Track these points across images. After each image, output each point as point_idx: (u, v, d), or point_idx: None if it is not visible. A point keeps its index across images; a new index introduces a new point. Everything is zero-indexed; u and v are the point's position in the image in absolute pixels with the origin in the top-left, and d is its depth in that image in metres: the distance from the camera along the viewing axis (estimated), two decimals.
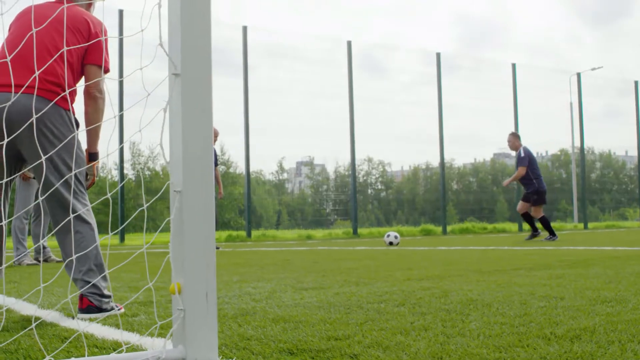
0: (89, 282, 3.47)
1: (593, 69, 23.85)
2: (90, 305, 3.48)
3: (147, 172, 33.17)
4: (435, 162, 45.83)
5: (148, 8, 2.33)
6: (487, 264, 6.26)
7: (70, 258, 3.38)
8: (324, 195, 45.06)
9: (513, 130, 19.98)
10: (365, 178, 45.76)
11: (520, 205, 12.25)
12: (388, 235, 11.75)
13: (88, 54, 3.61)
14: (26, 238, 7.46)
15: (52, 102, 3.36)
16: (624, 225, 25.23)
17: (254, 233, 16.07)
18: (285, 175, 47.67)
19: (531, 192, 12.03)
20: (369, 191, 47.10)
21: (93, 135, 3.71)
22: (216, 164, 11.17)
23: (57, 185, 3.42)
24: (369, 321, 3.09)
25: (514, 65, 19.16)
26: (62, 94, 3.44)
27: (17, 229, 7.44)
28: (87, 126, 3.68)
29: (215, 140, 11.26)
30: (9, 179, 3.53)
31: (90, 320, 3.35)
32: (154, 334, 2.90)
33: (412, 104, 30.19)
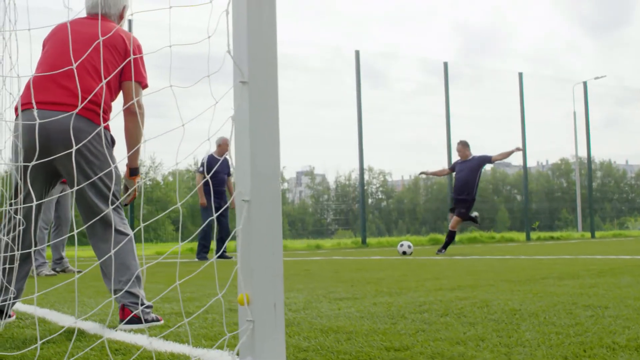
0: (130, 293, 3.44)
1: (597, 78, 23.91)
2: (132, 315, 3.44)
3: (148, 182, 33.14)
4: None
5: (214, 16, 2.30)
6: (514, 273, 6.22)
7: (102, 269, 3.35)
8: (325, 205, 45.04)
9: (519, 144, 19.94)
10: (366, 188, 45.79)
11: (456, 222, 11.66)
12: (401, 245, 11.71)
13: (125, 71, 3.59)
14: (45, 248, 7.40)
15: (86, 119, 3.37)
16: (630, 234, 25.21)
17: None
18: (285, 185, 47.68)
19: (471, 202, 11.55)
20: (370, 201, 47.05)
21: (134, 152, 3.70)
22: (229, 174, 11.14)
23: (95, 200, 3.44)
24: (419, 331, 3.05)
25: (520, 75, 19.15)
26: (95, 109, 3.43)
27: (37, 239, 7.38)
28: (127, 142, 3.68)
29: (227, 150, 11.22)
30: (40, 198, 3.52)
31: (133, 331, 3.31)
32: (209, 345, 2.86)
33: (413, 113, 30.20)
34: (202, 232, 11.24)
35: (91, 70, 3.47)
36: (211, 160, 10.92)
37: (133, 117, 3.62)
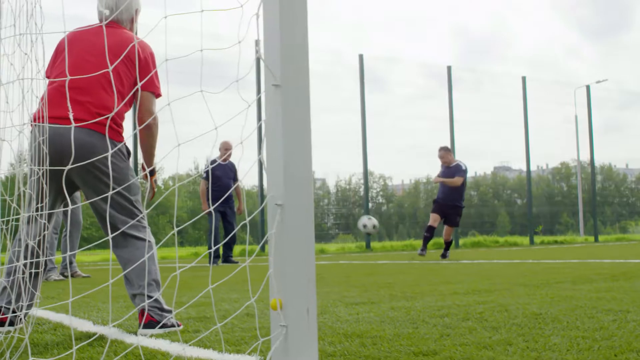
0: (150, 297, 3.42)
1: (598, 82, 23.93)
2: (151, 320, 3.42)
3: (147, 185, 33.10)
4: (435, 176, 45.99)
5: (243, 19, 2.29)
6: (526, 278, 6.21)
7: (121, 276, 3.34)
8: (325, 210, 45.03)
9: (520, 148, 19.90)
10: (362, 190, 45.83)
11: (450, 232, 11.47)
12: (365, 226, 11.85)
13: (139, 81, 3.57)
14: (55, 253, 7.38)
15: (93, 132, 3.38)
16: (633, 237, 25.21)
17: (267, 247, 16.01)
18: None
19: (461, 209, 11.39)
20: (370, 205, 47.02)
21: (149, 156, 3.72)
22: (235, 179, 11.06)
23: (113, 212, 3.46)
24: (444, 336, 3.04)
25: (524, 79, 19.12)
26: (109, 123, 3.42)
27: (47, 243, 7.34)
28: (142, 149, 3.71)
29: (229, 154, 11.12)
30: (50, 208, 3.52)
31: (154, 336, 3.29)
32: (233, 350, 2.84)
33: (412, 117, 30.19)
34: (211, 239, 11.17)
35: (105, 84, 3.45)
36: (216, 168, 10.86)
37: (145, 127, 3.63)
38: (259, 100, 15.57)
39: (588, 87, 21.47)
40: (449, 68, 17.96)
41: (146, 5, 4.01)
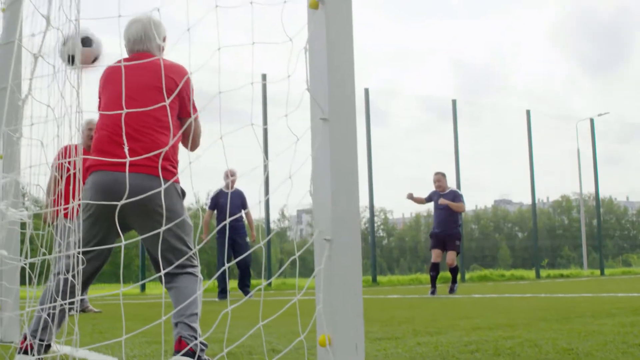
0: (190, 327, 3.40)
1: (600, 115, 24.03)
2: (188, 349, 3.39)
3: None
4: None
5: (284, 55, 2.30)
6: (546, 312, 6.16)
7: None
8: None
9: (524, 180, 19.90)
10: (366, 225, 45.63)
11: (454, 256, 11.02)
12: None
13: (181, 109, 3.57)
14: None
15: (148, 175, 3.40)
16: (638, 271, 25.10)
17: (274, 281, 15.89)
18: (286, 223, 47.59)
19: (460, 235, 11.10)
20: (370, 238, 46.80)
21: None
22: (244, 207, 10.80)
23: (167, 254, 3.44)
24: None
25: (528, 112, 19.19)
26: (161, 163, 3.41)
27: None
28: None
29: (234, 181, 10.74)
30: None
31: None
32: None
33: (413, 150, 30.13)
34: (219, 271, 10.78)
35: (153, 123, 3.45)
36: (220, 195, 10.62)
37: (195, 144, 3.68)
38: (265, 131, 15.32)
39: (592, 121, 21.55)
40: (453, 102, 18.02)
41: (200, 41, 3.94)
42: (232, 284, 12.74)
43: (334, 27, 2.25)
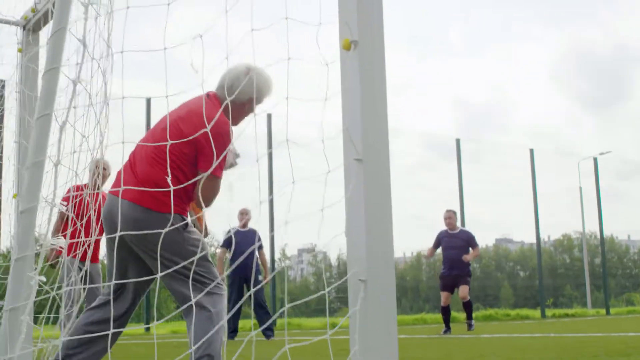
0: None
1: (602, 154, 24.07)
2: None
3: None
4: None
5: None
6: (561, 352, 6.10)
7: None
8: (328, 283, 44.70)
9: (526, 216, 19.85)
10: None
11: (467, 290, 10.94)
12: None
13: (199, 160, 3.46)
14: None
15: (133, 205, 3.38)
16: None
17: (279, 321, 15.76)
18: (287, 263, 47.41)
19: (470, 274, 11.03)
20: None
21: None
22: (261, 247, 10.70)
23: (174, 286, 3.42)
24: None
25: (531, 151, 19.21)
26: (159, 197, 3.38)
27: (65, 317, 7.20)
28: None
29: (247, 219, 10.73)
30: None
31: None
32: None
33: (413, 188, 30.19)
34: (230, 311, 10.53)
35: (154, 156, 3.43)
36: (235, 234, 10.47)
37: (196, 207, 3.62)
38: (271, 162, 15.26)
39: (595, 160, 21.60)
40: (457, 141, 18.06)
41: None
42: (243, 323, 12.61)
43: (368, 69, 2.26)
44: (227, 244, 10.87)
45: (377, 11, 2.34)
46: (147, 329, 15.75)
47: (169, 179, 3.22)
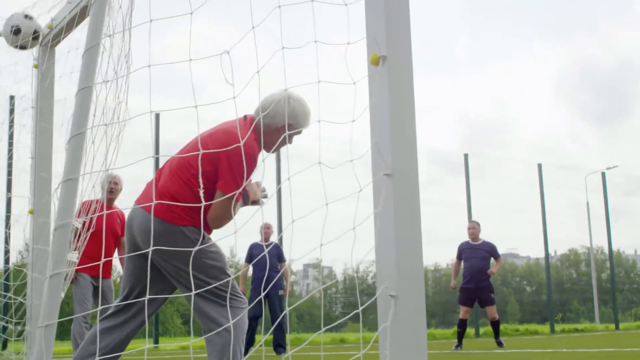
0: None
1: (609, 168, 24.05)
2: None
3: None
4: (443, 263, 45.40)
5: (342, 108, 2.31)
6: None
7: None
8: (333, 298, 44.54)
9: (532, 231, 19.78)
10: (373, 280, 45.33)
11: (495, 309, 10.83)
12: None
13: (217, 178, 3.40)
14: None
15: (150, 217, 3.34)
16: None
17: (289, 336, 15.67)
18: (293, 278, 47.30)
19: (492, 290, 10.82)
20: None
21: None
22: (281, 260, 10.51)
23: (192, 301, 3.39)
24: None
25: (539, 165, 19.15)
26: (176, 210, 3.38)
27: (76, 334, 7.15)
28: None
29: (269, 234, 10.71)
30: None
31: None
32: None
33: (421, 204, 30.14)
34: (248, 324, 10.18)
35: (174, 172, 3.42)
36: (255, 247, 10.45)
37: (207, 227, 3.52)
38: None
39: (604, 174, 21.52)
40: (465, 156, 18.00)
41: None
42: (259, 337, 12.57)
43: (397, 83, 2.27)
44: (249, 259, 10.75)
45: (404, 26, 2.35)
46: (156, 344, 15.70)
47: (201, 192, 3.23)
